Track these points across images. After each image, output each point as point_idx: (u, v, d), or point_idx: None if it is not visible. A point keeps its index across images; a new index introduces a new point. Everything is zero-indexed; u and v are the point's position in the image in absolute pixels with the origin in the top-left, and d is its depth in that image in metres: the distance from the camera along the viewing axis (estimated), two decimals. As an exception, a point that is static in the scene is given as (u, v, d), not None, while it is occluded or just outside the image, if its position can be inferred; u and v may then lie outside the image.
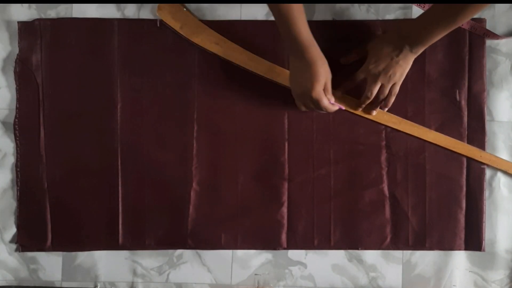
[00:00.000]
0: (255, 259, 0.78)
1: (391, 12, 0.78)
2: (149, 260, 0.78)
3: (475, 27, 0.76)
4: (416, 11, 0.77)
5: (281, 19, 0.63)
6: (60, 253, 0.78)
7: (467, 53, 0.77)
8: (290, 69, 0.70)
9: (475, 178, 0.77)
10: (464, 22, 0.64)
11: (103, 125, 0.77)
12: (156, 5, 0.76)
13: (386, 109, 0.75)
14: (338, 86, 0.74)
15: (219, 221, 0.77)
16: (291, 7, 0.61)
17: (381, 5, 0.78)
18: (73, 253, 0.78)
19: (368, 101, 0.73)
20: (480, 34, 0.77)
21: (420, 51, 0.68)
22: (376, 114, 0.76)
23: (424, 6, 0.76)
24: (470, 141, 0.77)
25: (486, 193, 0.78)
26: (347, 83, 0.74)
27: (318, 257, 0.78)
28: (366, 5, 0.78)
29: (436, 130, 0.77)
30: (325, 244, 0.78)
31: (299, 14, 0.62)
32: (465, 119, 0.77)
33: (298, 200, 0.77)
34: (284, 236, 0.77)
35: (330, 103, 0.69)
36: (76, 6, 0.78)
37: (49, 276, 0.78)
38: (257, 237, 0.78)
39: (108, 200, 0.77)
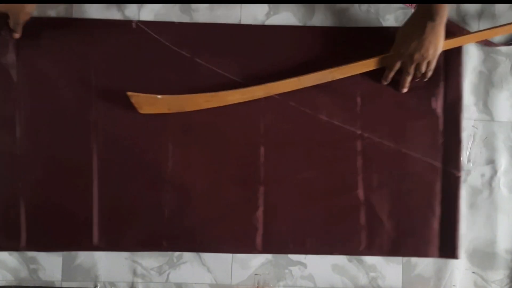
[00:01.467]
0: (255, 259, 0.78)
1: (391, 12, 0.78)
2: (149, 260, 0.78)
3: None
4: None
5: None
6: (60, 253, 0.78)
7: (442, 62, 0.76)
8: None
9: (450, 186, 0.77)
10: None
11: (79, 125, 0.77)
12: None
13: (425, 79, 0.75)
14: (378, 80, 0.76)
15: (194, 224, 0.77)
16: None
17: (381, 5, 0.78)
18: (73, 253, 0.78)
19: (409, 79, 0.74)
20: (480, 42, 0.77)
21: (442, 17, 0.67)
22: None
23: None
24: (445, 149, 0.77)
25: (486, 193, 0.78)
26: (387, 73, 0.75)
27: (318, 257, 0.78)
28: (366, 5, 0.78)
29: (413, 136, 0.77)
30: (300, 248, 0.77)
31: None
32: (441, 127, 0.77)
33: (274, 204, 0.77)
34: (259, 240, 0.77)
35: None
36: (76, 6, 0.78)
37: (49, 276, 0.78)
38: (233, 240, 0.77)
39: (84, 200, 0.77)
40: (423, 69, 0.72)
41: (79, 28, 0.77)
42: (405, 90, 0.76)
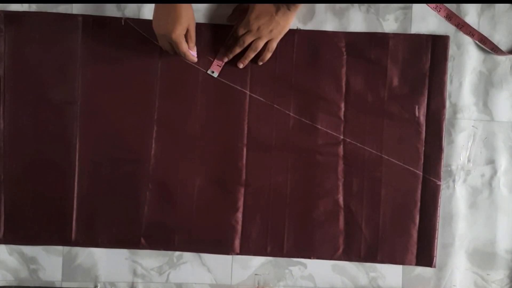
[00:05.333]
0: (255, 259, 0.78)
1: (391, 12, 0.78)
2: (149, 260, 0.78)
3: (484, 41, 0.77)
4: (416, 11, 0.77)
5: None
6: (60, 253, 0.78)
7: (427, 70, 0.77)
8: (155, 9, 0.69)
9: (430, 194, 0.77)
10: None
11: (62, 120, 0.77)
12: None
13: (262, 63, 0.76)
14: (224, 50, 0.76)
15: (173, 223, 0.77)
16: None
17: (381, 5, 0.78)
18: (73, 253, 0.78)
19: (239, 50, 0.75)
20: (488, 49, 0.77)
21: (296, 8, 0.71)
22: None
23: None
24: (426, 157, 0.77)
25: (486, 193, 0.78)
26: (230, 40, 0.76)
27: (318, 257, 0.78)
28: (366, 5, 0.78)
29: (395, 143, 0.77)
30: (278, 251, 0.77)
31: None
32: (423, 135, 0.77)
33: (253, 206, 0.77)
34: (237, 242, 0.77)
35: (190, 51, 0.72)
36: (76, 6, 0.78)
37: (49, 276, 0.78)
38: (210, 240, 0.77)
39: (63, 195, 0.77)
40: (260, 45, 0.73)
41: (68, 23, 0.77)
42: (241, 65, 0.76)
